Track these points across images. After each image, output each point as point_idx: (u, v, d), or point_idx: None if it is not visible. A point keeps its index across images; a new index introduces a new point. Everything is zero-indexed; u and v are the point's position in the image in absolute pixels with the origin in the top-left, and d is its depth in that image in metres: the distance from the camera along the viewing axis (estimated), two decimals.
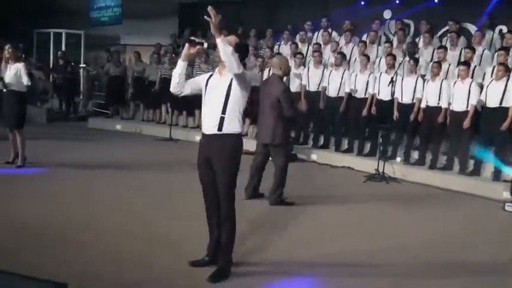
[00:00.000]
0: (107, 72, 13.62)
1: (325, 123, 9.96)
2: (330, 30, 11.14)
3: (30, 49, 17.63)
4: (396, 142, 9.09)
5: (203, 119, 4.16)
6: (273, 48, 11.32)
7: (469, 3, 9.86)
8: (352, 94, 9.44)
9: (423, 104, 8.61)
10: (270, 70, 10.25)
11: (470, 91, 8.03)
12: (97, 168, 8.11)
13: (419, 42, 9.85)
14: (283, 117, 6.37)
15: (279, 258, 4.82)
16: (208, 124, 4.09)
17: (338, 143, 9.77)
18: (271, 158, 6.65)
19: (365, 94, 9.29)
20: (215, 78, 4.14)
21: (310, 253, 5.03)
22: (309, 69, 9.97)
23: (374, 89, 9.17)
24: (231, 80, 3.98)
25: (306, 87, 9.96)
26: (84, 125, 13.05)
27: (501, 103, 7.79)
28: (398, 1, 11.04)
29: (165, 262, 4.51)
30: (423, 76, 9.00)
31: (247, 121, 10.90)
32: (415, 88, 8.67)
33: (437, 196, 7.77)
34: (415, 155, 8.89)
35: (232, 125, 4.05)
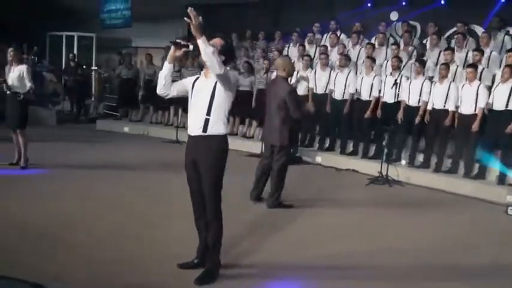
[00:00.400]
0: (119, 75, 13.71)
1: (330, 125, 9.91)
2: (339, 32, 11.10)
3: (43, 52, 17.91)
4: (401, 145, 9.01)
5: (189, 121, 4.18)
6: (282, 50, 11.28)
7: (476, 4, 9.74)
8: (355, 96, 9.41)
9: (429, 106, 8.52)
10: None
11: (478, 94, 7.92)
12: (101, 169, 8.17)
13: (426, 44, 9.75)
14: (289, 118, 6.37)
15: (273, 260, 4.79)
16: (193, 126, 4.11)
17: (343, 146, 9.71)
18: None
19: (369, 96, 9.24)
20: (201, 80, 4.16)
21: (305, 255, 5.00)
22: (316, 71, 9.94)
23: (380, 92, 9.11)
24: (216, 82, 3.99)
25: (314, 89, 9.92)
26: (93, 127, 13.17)
27: (507, 106, 7.68)
28: (404, 3, 10.97)
29: (158, 264, 4.51)
30: (431, 78, 8.91)
31: (254, 123, 10.91)
32: (422, 90, 8.58)
33: (440, 199, 7.68)
34: (420, 158, 8.79)
35: (217, 127, 4.06)
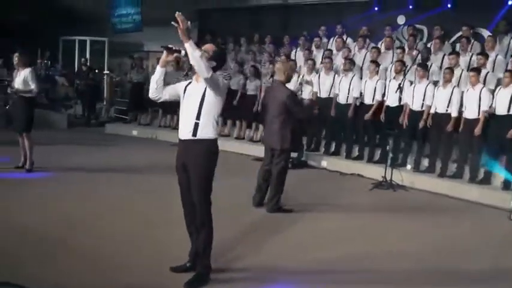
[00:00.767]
0: (130, 79, 13.82)
1: (335, 130, 9.89)
2: (345, 36, 11.09)
3: (56, 56, 18.16)
4: (406, 149, 8.96)
5: (180, 125, 4.23)
6: (290, 55, 11.30)
7: (483, 8, 9.66)
8: (358, 101, 9.40)
9: (432, 110, 8.48)
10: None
11: (481, 97, 7.87)
12: (106, 172, 8.23)
13: (431, 47, 9.69)
14: (290, 122, 6.41)
15: (267, 264, 4.80)
16: (183, 130, 4.17)
17: (349, 150, 9.68)
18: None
19: (373, 100, 9.21)
20: (192, 85, 4.21)
21: (303, 259, 5.00)
22: (320, 75, 9.94)
23: (383, 96, 9.08)
24: (206, 87, 4.03)
25: (318, 93, 9.90)
26: (103, 131, 13.30)
27: (509, 110, 7.63)
28: (411, 6, 10.93)
29: (157, 266, 4.52)
30: (435, 82, 8.86)
31: (260, 127, 10.91)
32: (425, 95, 8.53)
33: (444, 204, 7.63)
34: (426, 163, 8.73)
35: (206, 131, 4.11)
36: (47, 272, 4.31)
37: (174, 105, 12.26)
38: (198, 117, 4.08)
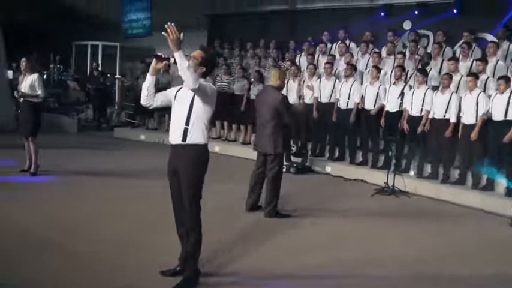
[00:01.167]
0: (140, 83, 13.90)
1: (338, 135, 9.87)
2: (348, 41, 11.09)
3: (69, 60, 18.43)
4: (409, 155, 8.91)
5: (170, 130, 4.29)
6: (294, 60, 11.33)
7: (489, 13, 9.61)
8: (360, 106, 9.38)
9: (430, 115, 8.44)
10: (289, 81, 10.31)
11: (478, 102, 7.82)
12: (110, 176, 8.31)
13: (431, 53, 9.66)
14: (282, 126, 6.44)
15: (258, 268, 4.82)
16: (173, 135, 4.24)
17: (352, 156, 9.66)
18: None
19: (374, 106, 9.19)
20: (183, 90, 4.27)
21: (294, 264, 5.01)
22: (321, 80, 9.94)
23: (384, 101, 9.08)
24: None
25: (318, 98, 9.91)
26: (112, 135, 13.40)
27: (506, 116, 7.59)
28: (417, 12, 10.91)
29: (145, 270, 4.57)
30: (434, 87, 8.81)
31: None
32: (424, 100, 8.50)
33: (445, 211, 7.57)
34: (429, 169, 8.68)
35: (196, 136, 4.17)
36: (44, 274, 4.39)
37: None
38: (188, 122, 4.15)
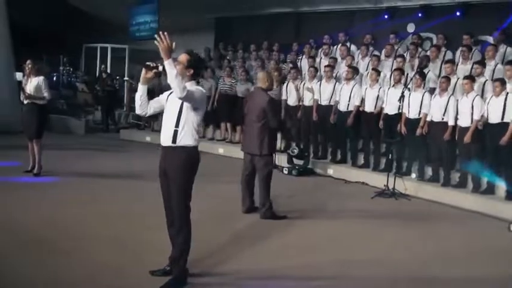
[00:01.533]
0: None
1: (338, 137, 9.88)
2: (349, 44, 11.09)
3: (78, 62, 18.65)
4: (410, 158, 8.90)
5: (161, 132, 4.36)
6: (296, 62, 11.37)
7: (492, 16, 9.57)
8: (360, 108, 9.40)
9: (428, 118, 8.44)
10: (288, 84, 10.37)
11: (473, 106, 7.80)
12: (113, 177, 8.37)
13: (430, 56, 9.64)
14: (269, 127, 6.50)
15: (248, 270, 4.84)
16: (164, 137, 4.31)
17: (354, 158, 9.67)
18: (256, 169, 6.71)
19: (374, 108, 9.19)
20: (174, 93, 4.31)
21: (285, 265, 5.03)
22: (321, 83, 9.96)
23: (383, 103, 9.09)
24: None
25: (318, 101, 9.93)
26: (119, 137, 13.52)
27: (502, 118, 7.57)
28: (420, 14, 10.90)
29: (137, 270, 4.61)
30: (432, 90, 8.81)
31: None
32: (422, 103, 8.49)
33: (444, 214, 7.55)
34: (430, 172, 8.66)
35: (185, 138, 4.24)
36: (37, 274, 4.44)
37: None
38: (177, 125, 4.23)
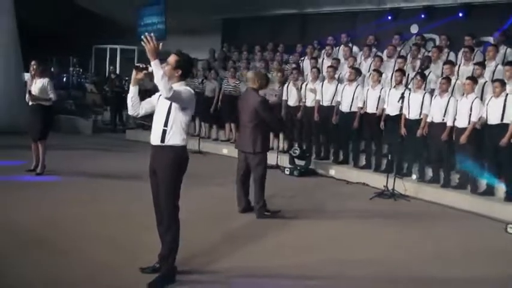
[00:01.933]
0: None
1: (340, 138, 9.90)
2: (351, 45, 11.11)
3: (88, 63, 18.86)
4: (411, 159, 8.89)
5: (152, 132, 4.45)
6: (298, 63, 11.41)
7: (494, 16, 9.54)
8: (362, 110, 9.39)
9: (428, 119, 8.43)
10: (289, 84, 10.42)
11: (472, 107, 7.79)
12: (113, 177, 8.43)
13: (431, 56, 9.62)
14: (262, 127, 6.59)
15: (239, 268, 4.89)
16: (153, 136, 4.41)
17: (356, 159, 9.69)
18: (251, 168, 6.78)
19: (376, 109, 9.19)
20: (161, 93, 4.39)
21: (278, 264, 5.08)
22: (323, 84, 9.99)
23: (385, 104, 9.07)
24: None
25: (320, 102, 9.96)
26: (125, 137, 13.65)
27: (502, 119, 7.54)
28: (424, 15, 10.89)
29: (129, 267, 4.67)
30: (433, 91, 8.80)
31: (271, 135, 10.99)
32: (423, 104, 8.49)
33: (443, 215, 7.55)
34: (431, 173, 8.66)
35: (174, 138, 4.33)
36: (35, 273, 4.49)
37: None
38: (166, 124, 4.32)
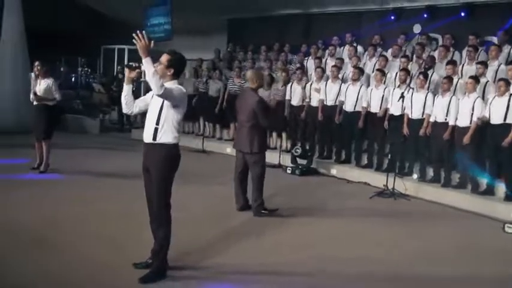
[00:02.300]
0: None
1: (343, 137, 9.91)
2: (355, 45, 11.12)
3: (96, 64, 19.03)
4: (412, 158, 8.89)
5: (144, 130, 4.51)
6: (303, 62, 11.45)
7: (497, 15, 9.50)
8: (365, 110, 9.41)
9: (431, 119, 8.42)
10: (293, 84, 10.46)
11: (474, 107, 7.78)
12: (115, 176, 8.50)
13: (435, 56, 9.60)
14: (259, 127, 6.65)
15: (232, 265, 4.94)
16: (146, 133, 4.48)
17: (358, 158, 9.70)
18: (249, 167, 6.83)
19: (379, 109, 9.19)
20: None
21: (272, 262, 5.11)
22: (327, 84, 10.01)
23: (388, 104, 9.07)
24: None
25: (324, 101, 9.99)
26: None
27: (505, 119, 7.50)
28: (426, 15, 10.89)
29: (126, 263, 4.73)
30: (436, 90, 8.78)
31: (274, 134, 11.03)
32: (425, 103, 8.48)
33: (442, 214, 7.55)
34: (432, 172, 8.65)
35: (166, 136, 4.40)
36: (35, 272, 4.55)
37: (193, 113, 12.54)
38: (158, 122, 4.39)
